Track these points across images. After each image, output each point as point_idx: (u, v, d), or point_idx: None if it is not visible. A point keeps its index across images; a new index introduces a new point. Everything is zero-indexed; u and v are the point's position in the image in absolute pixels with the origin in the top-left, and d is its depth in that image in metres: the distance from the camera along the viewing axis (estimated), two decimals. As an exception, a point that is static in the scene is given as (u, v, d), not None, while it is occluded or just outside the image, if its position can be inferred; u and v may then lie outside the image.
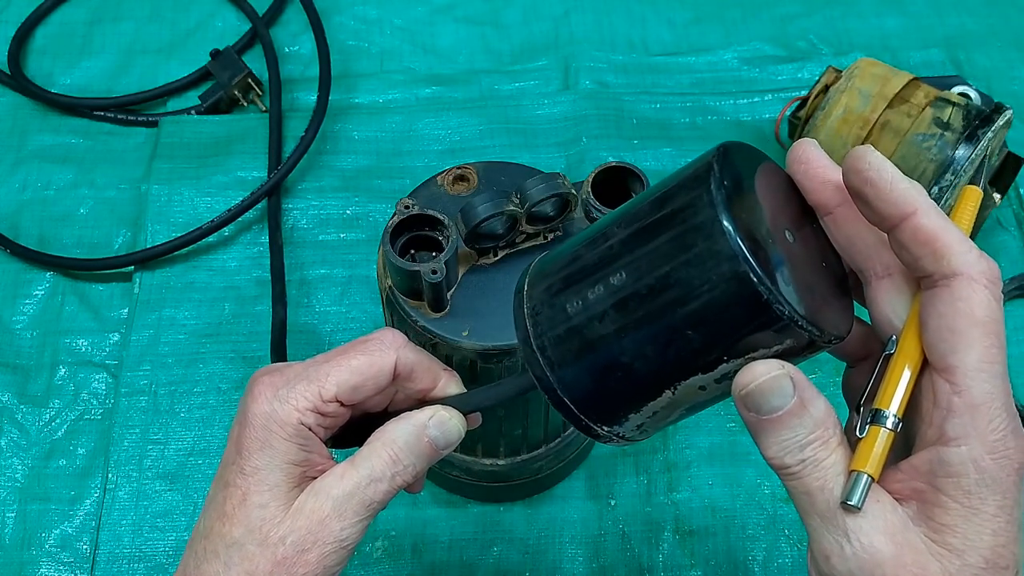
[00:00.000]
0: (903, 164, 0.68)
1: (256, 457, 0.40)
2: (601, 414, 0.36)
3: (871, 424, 0.33)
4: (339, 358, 0.42)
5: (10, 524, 0.64)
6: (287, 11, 0.90)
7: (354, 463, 0.41)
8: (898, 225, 0.34)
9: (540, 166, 0.55)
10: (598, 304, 0.34)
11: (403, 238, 0.50)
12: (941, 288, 0.33)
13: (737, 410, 0.34)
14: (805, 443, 0.33)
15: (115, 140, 0.82)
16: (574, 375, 0.36)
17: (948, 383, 0.32)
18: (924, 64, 0.86)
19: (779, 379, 0.32)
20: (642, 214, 0.34)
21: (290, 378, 0.42)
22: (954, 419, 0.32)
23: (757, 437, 0.34)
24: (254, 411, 0.41)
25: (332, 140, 0.81)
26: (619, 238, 0.34)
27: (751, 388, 0.33)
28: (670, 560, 0.62)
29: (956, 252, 0.33)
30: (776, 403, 0.33)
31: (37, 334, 0.72)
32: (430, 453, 0.42)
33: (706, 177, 0.32)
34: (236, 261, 0.75)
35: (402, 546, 0.63)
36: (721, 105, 0.83)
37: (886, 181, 0.34)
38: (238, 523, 0.40)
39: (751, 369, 0.33)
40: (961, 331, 0.32)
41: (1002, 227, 0.76)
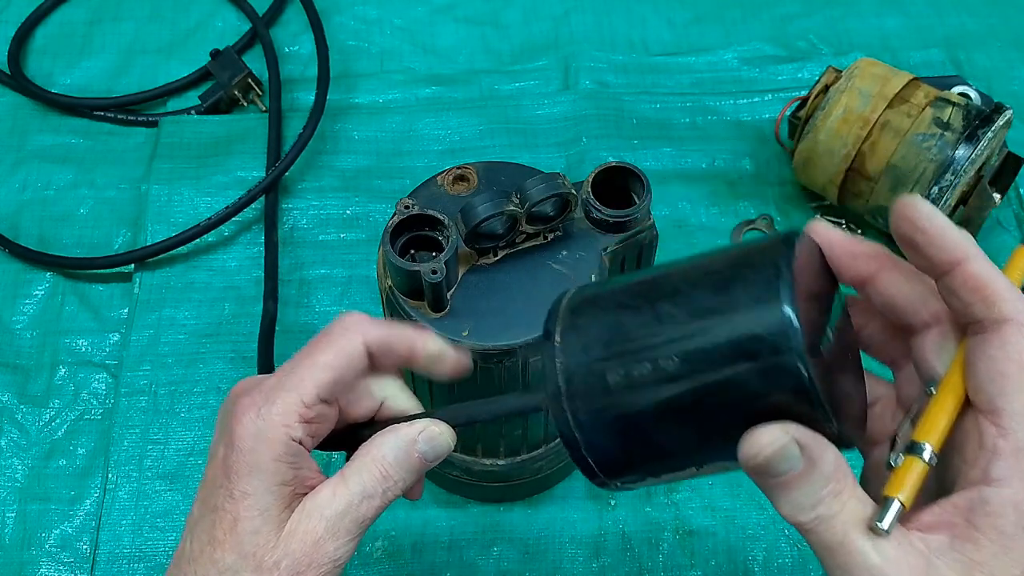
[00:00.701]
0: (903, 164, 0.68)
1: (245, 481, 0.39)
2: (618, 475, 0.37)
3: (907, 454, 0.34)
4: (308, 359, 0.41)
5: (10, 524, 0.64)
6: (287, 11, 0.90)
7: (345, 479, 0.41)
8: (949, 272, 0.35)
9: (540, 166, 0.55)
10: (642, 382, 0.34)
11: (403, 238, 0.50)
12: (991, 333, 0.34)
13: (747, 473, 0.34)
14: (817, 500, 0.33)
15: (115, 140, 0.82)
16: (603, 442, 0.35)
17: (994, 426, 0.33)
18: (924, 64, 0.86)
19: (785, 447, 0.33)
20: (698, 301, 0.34)
21: (268, 393, 0.40)
22: (999, 461, 0.33)
23: (769, 497, 0.34)
24: (240, 433, 0.40)
25: (332, 140, 0.81)
26: (673, 319, 0.34)
27: (759, 459, 0.33)
28: (670, 560, 0.62)
29: (1007, 299, 0.34)
30: (784, 468, 0.33)
31: (37, 334, 0.72)
32: (420, 467, 0.42)
33: (776, 285, 0.32)
34: (236, 261, 0.75)
35: (402, 546, 0.63)
36: (721, 105, 0.83)
37: (938, 228, 0.34)
38: (230, 549, 0.39)
39: (756, 439, 0.33)
40: (1010, 375, 0.33)
41: (1002, 227, 0.76)
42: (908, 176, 0.68)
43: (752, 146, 0.81)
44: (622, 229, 0.52)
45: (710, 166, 0.80)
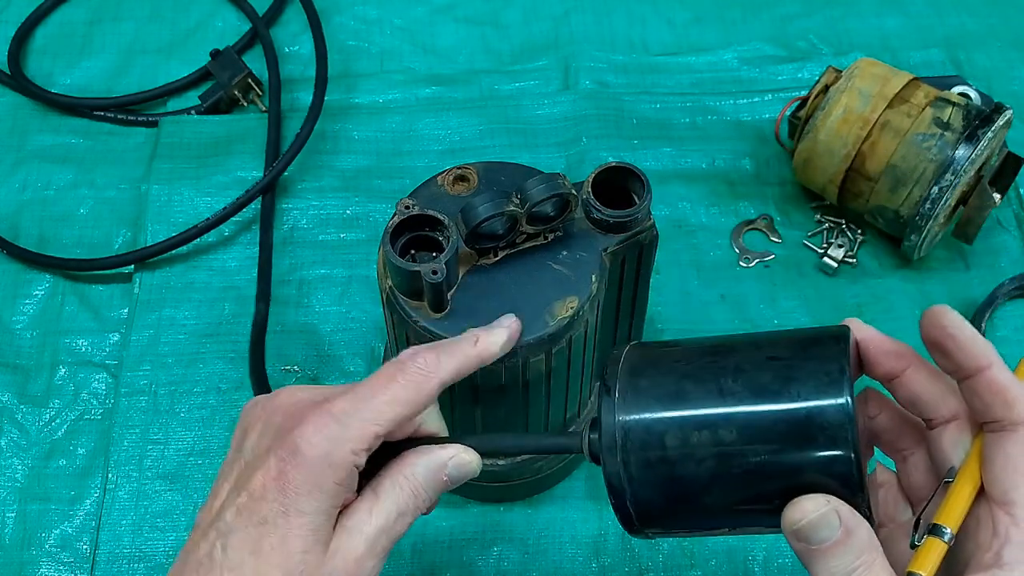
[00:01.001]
0: (903, 164, 0.68)
1: (305, 501, 0.39)
2: (654, 526, 0.39)
3: (929, 535, 0.37)
4: (386, 391, 0.42)
5: (10, 524, 0.64)
6: (287, 11, 0.90)
7: (379, 497, 0.42)
8: (973, 376, 0.39)
9: (540, 166, 0.55)
10: (699, 449, 0.37)
11: (403, 238, 0.50)
12: (1009, 432, 0.38)
13: (787, 540, 0.38)
14: (851, 569, 0.37)
15: (115, 140, 0.82)
16: (650, 496, 0.38)
17: (1007, 515, 0.37)
18: (924, 64, 0.86)
19: (827, 515, 0.36)
20: (762, 382, 0.37)
21: (339, 417, 0.41)
22: (1011, 548, 0.36)
23: (808, 565, 0.38)
24: (308, 452, 0.40)
25: (332, 140, 0.81)
26: (733, 394, 0.37)
27: (802, 524, 0.37)
28: (670, 560, 0.62)
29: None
30: (824, 535, 0.36)
31: (37, 334, 0.72)
32: (445, 488, 0.44)
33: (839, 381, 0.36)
34: (236, 261, 0.75)
35: (402, 546, 0.63)
36: (721, 105, 0.83)
37: (967, 338, 0.39)
38: (277, 565, 0.39)
39: (801, 506, 0.37)
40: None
41: (1002, 227, 0.76)
42: (908, 176, 0.68)
43: (752, 146, 0.81)
44: (622, 229, 0.52)
45: (710, 166, 0.80)
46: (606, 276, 0.53)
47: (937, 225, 0.70)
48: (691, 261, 0.75)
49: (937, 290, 0.73)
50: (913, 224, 0.69)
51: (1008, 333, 0.72)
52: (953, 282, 0.74)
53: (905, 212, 0.69)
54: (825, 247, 0.75)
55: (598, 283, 0.51)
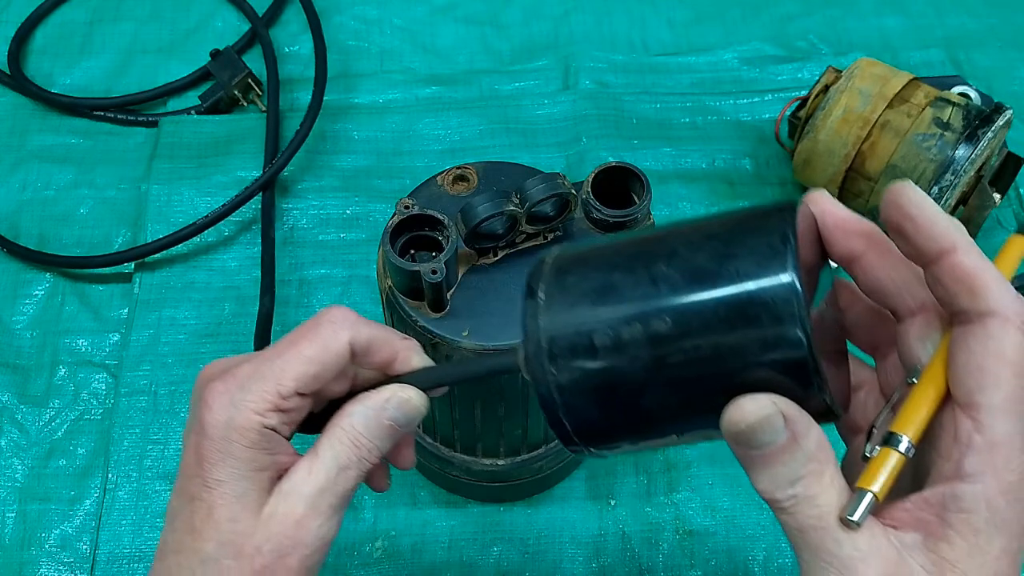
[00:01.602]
0: (903, 164, 0.68)
1: (218, 469, 0.39)
2: (595, 440, 0.36)
3: (883, 446, 0.33)
4: (291, 349, 0.40)
5: (10, 524, 0.64)
6: (287, 11, 0.90)
7: (318, 454, 0.40)
8: (936, 261, 0.34)
9: (540, 166, 0.55)
10: (632, 344, 0.33)
11: (403, 238, 0.50)
12: (975, 326, 0.33)
13: (728, 445, 0.34)
14: (796, 478, 0.33)
15: (115, 140, 0.82)
16: (583, 405, 0.34)
17: (971, 420, 0.32)
18: (924, 64, 0.86)
19: (771, 417, 0.32)
20: (698, 262, 0.33)
21: (243, 381, 0.39)
22: (972, 456, 0.32)
23: (748, 471, 0.34)
24: (210, 421, 0.39)
25: (332, 140, 0.81)
26: (667, 279, 0.33)
27: (742, 427, 0.32)
28: (670, 560, 0.62)
29: (993, 292, 0.32)
30: (767, 439, 0.32)
31: (37, 334, 0.72)
32: (392, 433, 0.41)
33: (782, 252, 0.32)
34: (236, 261, 0.75)
35: (402, 546, 0.63)
36: (721, 105, 0.83)
37: (927, 217, 0.34)
38: (209, 538, 0.38)
39: (741, 406, 0.32)
40: (990, 369, 0.32)
41: (1002, 227, 0.76)
42: (908, 176, 0.68)
43: (752, 146, 0.81)
44: (622, 229, 0.52)
45: (710, 166, 0.80)
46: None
47: (937, 225, 0.70)
48: (691, 261, 0.75)
49: (937, 290, 0.73)
50: (913, 224, 0.69)
51: (1008, 333, 0.71)
52: (953, 282, 0.74)
53: (905, 212, 0.69)
54: (825, 247, 0.75)
55: (598, 283, 0.51)
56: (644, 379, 0.33)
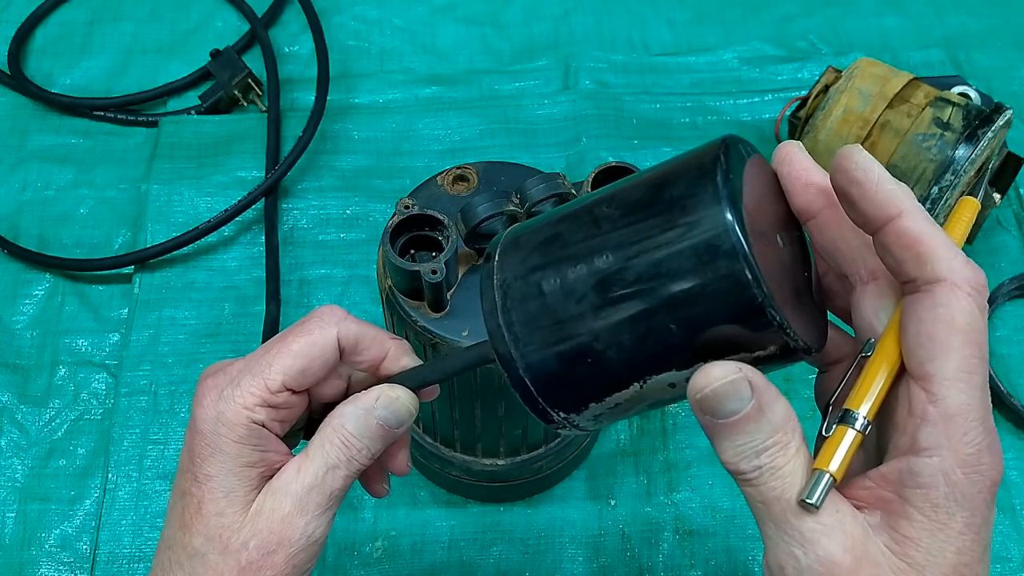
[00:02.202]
0: (903, 164, 0.68)
1: (208, 464, 0.39)
2: (561, 400, 0.35)
3: (839, 424, 0.32)
4: (279, 345, 0.40)
5: (10, 524, 0.64)
6: (287, 11, 0.90)
7: (308, 454, 0.40)
8: (883, 227, 0.32)
9: (540, 166, 0.55)
10: (578, 285, 0.32)
11: (403, 238, 0.50)
12: (923, 294, 0.31)
13: (692, 412, 0.33)
14: (761, 449, 0.32)
15: (115, 140, 0.82)
16: (540, 357, 0.34)
17: (924, 391, 0.31)
18: (924, 64, 0.86)
19: (736, 383, 0.31)
20: (635, 196, 0.32)
21: (234, 376, 0.40)
22: (927, 428, 0.31)
23: (713, 440, 0.33)
24: (201, 416, 0.39)
25: (332, 140, 0.81)
26: (607, 217, 0.32)
27: (706, 392, 0.31)
28: (670, 560, 0.62)
29: (940, 257, 0.31)
30: (732, 407, 0.31)
31: (37, 334, 0.72)
32: (382, 434, 0.41)
33: (712, 169, 0.31)
34: (236, 261, 0.75)
35: (402, 546, 0.63)
36: (721, 105, 0.83)
37: (872, 182, 0.32)
38: (197, 533, 0.39)
39: (707, 372, 0.31)
40: (940, 338, 0.31)
41: (1002, 227, 0.76)
42: (908, 176, 0.68)
43: (752, 146, 0.81)
44: (622, 229, 0.52)
45: (710, 166, 0.80)
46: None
47: (937, 225, 0.70)
48: (691, 261, 0.75)
49: (937, 290, 0.73)
50: (913, 224, 0.69)
51: (1008, 333, 0.72)
52: (953, 282, 0.74)
53: (905, 212, 0.69)
54: (825, 247, 0.75)
55: (598, 283, 0.51)
56: (595, 318, 0.32)
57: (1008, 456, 0.67)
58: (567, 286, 0.33)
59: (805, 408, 0.68)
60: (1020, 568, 0.63)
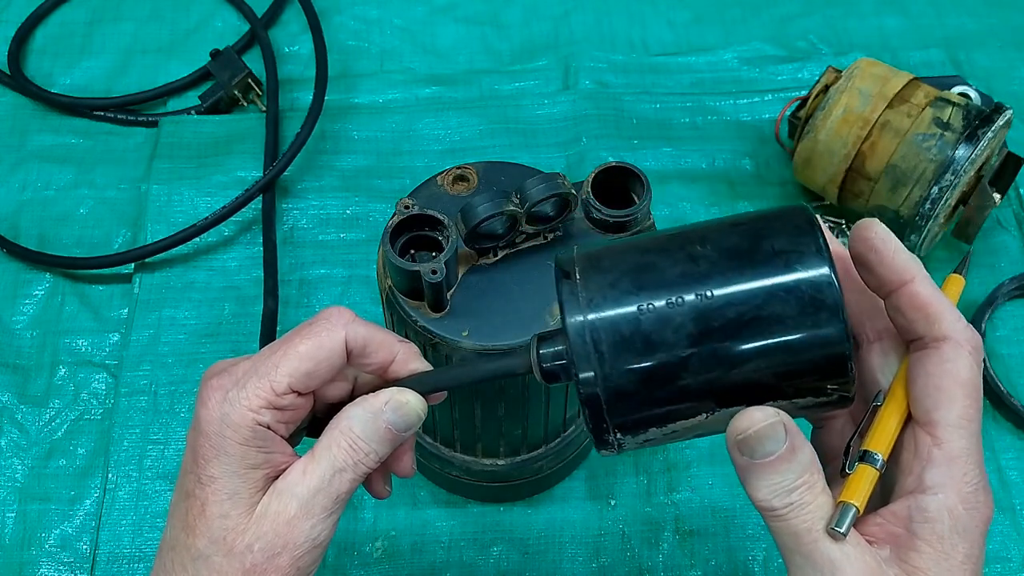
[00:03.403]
0: (903, 164, 0.68)
1: (212, 465, 0.39)
2: (627, 421, 0.36)
3: (860, 463, 0.36)
4: (286, 346, 0.40)
5: (10, 524, 0.64)
6: (287, 11, 0.90)
7: (314, 456, 0.40)
8: (897, 290, 0.37)
9: (540, 166, 0.55)
10: (677, 315, 0.34)
11: (403, 238, 0.50)
12: (931, 350, 0.36)
13: (729, 453, 0.36)
14: (792, 487, 0.35)
15: (115, 140, 0.82)
16: (625, 378, 0.35)
17: (930, 436, 0.36)
18: (924, 64, 0.86)
19: (775, 426, 0.35)
20: (731, 243, 0.35)
21: (239, 377, 0.40)
22: (933, 469, 0.35)
23: (747, 480, 0.36)
24: (205, 417, 0.39)
25: (332, 140, 0.81)
26: (704, 257, 0.35)
27: (749, 433, 0.35)
28: (670, 560, 0.62)
29: (947, 319, 0.36)
30: (770, 448, 0.35)
31: (37, 334, 0.72)
32: (390, 438, 0.41)
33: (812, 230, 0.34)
34: (236, 261, 0.75)
35: (402, 546, 0.63)
36: (721, 105, 0.83)
37: (889, 250, 0.37)
38: (201, 535, 0.39)
39: (749, 415, 0.35)
40: (946, 389, 0.35)
41: (1002, 227, 0.76)
42: (908, 176, 0.68)
43: (752, 146, 0.81)
44: (622, 229, 0.52)
45: (710, 166, 0.80)
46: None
47: (937, 225, 0.70)
48: (691, 261, 0.75)
49: (937, 290, 0.73)
50: (913, 224, 0.69)
51: (1008, 333, 0.72)
52: (953, 282, 0.74)
53: (905, 212, 0.69)
54: (825, 247, 0.75)
55: (598, 283, 0.51)
56: (689, 350, 0.34)
57: (1008, 456, 0.67)
58: (664, 314, 0.34)
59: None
60: (1020, 568, 0.63)
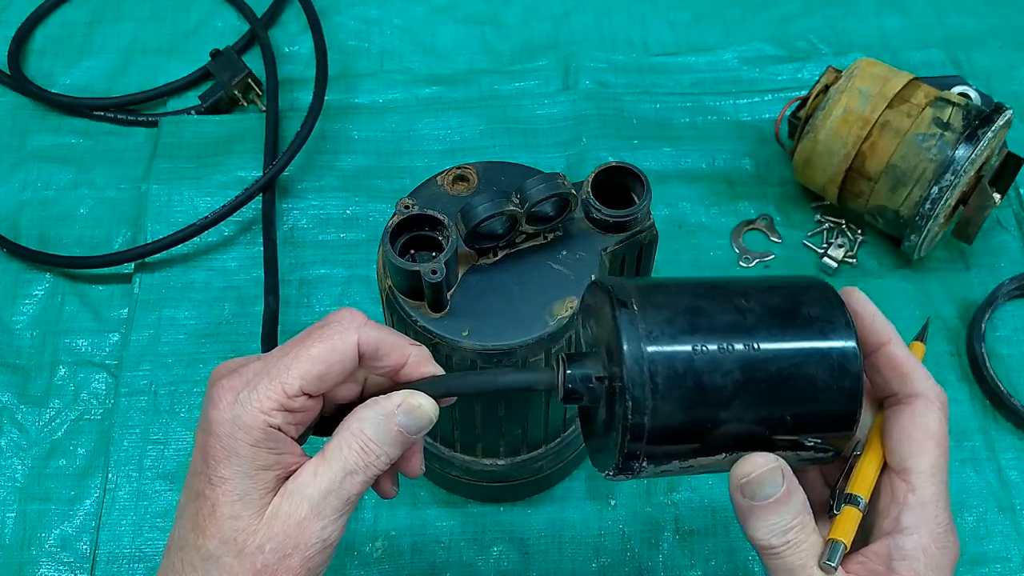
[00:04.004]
0: (903, 164, 0.68)
1: (223, 467, 0.39)
2: (658, 451, 0.38)
3: (846, 504, 0.41)
4: (298, 349, 0.40)
5: (10, 524, 0.64)
6: (287, 11, 0.90)
7: (326, 457, 0.40)
8: (875, 351, 0.42)
9: (540, 166, 0.55)
10: (726, 360, 0.37)
11: (403, 238, 0.50)
12: (905, 405, 0.41)
13: (731, 495, 0.40)
14: (789, 527, 0.39)
15: (115, 140, 0.82)
16: (672, 411, 0.37)
17: (905, 482, 0.40)
18: (924, 64, 0.86)
19: (775, 471, 0.39)
20: (774, 303, 0.39)
21: (250, 378, 0.40)
22: (909, 512, 0.40)
23: (747, 520, 0.40)
24: (216, 418, 0.39)
25: (332, 140, 0.81)
26: (750, 311, 0.39)
27: (752, 477, 0.39)
28: (670, 560, 0.62)
29: (919, 378, 0.42)
30: (769, 491, 0.39)
31: (37, 334, 0.72)
32: (401, 440, 0.41)
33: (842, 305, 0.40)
34: (236, 261, 0.75)
35: (402, 546, 0.63)
36: (721, 105, 0.83)
37: (870, 314, 0.42)
38: (211, 535, 0.39)
39: (751, 460, 0.39)
40: (919, 440, 0.40)
41: (1002, 227, 0.76)
42: (908, 176, 0.68)
43: (752, 146, 0.81)
44: (622, 229, 0.52)
45: (710, 166, 0.80)
46: (606, 276, 0.53)
47: (937, 225, 0.70)
48: (691, 261, 0.75)
49: (937, 290, 0.73)
50: (913, 224, 0.69)
51: (1008, 333, 0.72)
52: (953, 282, 0.74)
53: (905, 212, 0.69)
54: (825, 247, 0.75)
55: (598, 283, 0.51)
56: (733, 391, 0.38)
57: (1008, 456, 0.67)
58: (716, 358, 0.37)
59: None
60: (1020, 568, 0.63)
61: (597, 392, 0.40)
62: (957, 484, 0.65)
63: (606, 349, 0.40)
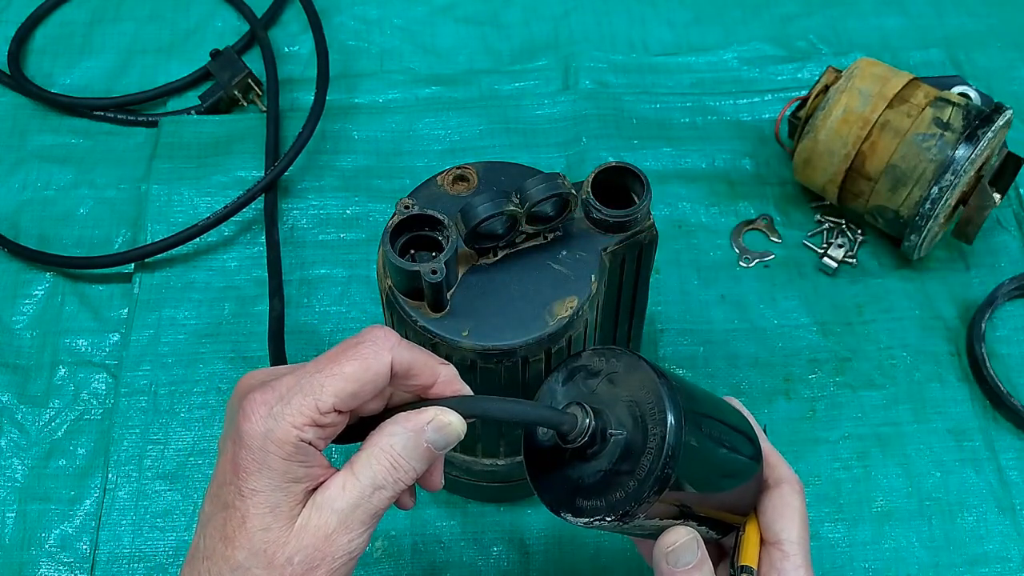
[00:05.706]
0: (903, 164, 0.68)
1: (254, 479, 0.39)
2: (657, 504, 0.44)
3: (742, 574, 0.48)
4: (332, 366, 0.41)
5: (10, 524, 0.64)
6: (287, 11, 0.90)
7: (354, 471, 0.41)
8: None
9: (540, 166, 0.55)
10: (720, 444, 0.48)
11: (403, 238, 0.50)
12: (774, 490, 0.49)
13: (655, 563, 0.46)
14: None
15: (115, 140, 0.82)
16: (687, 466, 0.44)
17: (779, 551, 0.48)
18: (924, 64, 0.86)
19: (695, 540, 0.46)
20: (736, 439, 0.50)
21: (283, 393, 0.40)
22: (786, 574, 0.47)
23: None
24: (248, 431, 0.39)
25: (332, 140, 0.81)
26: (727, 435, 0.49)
27: (676, 546, 0.46)
28: (670, 560, 0.62)
29: (783, 467, 0.50)
30: (688, 558, 0.46)
31: (37, 334, 0.72)
32: (429, 456, 0.42)
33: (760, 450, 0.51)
34: (236, 261, 0.75)
35: (402, 546, 0.63)
36: (721, 105, 0.83)
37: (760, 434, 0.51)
38: (241, 547, 0.39)
39: (675, 531, 0.46)
40: (788, 517, 0.49)
41: (1002, 227, 0.76)
42: (908, 176, 0.68)
43: (752, 146, 0.81)
44: (622, 229, 0.52)
45: (710, 166, 0.80)
46: (606, 276, 0.53)
47: (937, 225, 0.70)
48: (691, 261, 0.75)
49: (937, 290, 0.73)
50: (913, 224, 0.69)
51: (1008, 333, 0.72)
52: (953, 282, 0.74)
53: (905, 212, 0.69)
54: (825, 247, 0.75)
55: (598, 283, 0.51)
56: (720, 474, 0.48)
57: (1008, 456, 0.67)
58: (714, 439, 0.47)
59: (804, 408, 0.68)
60: (1020, 568, 0.63)
61: (612, 445, 0.45)
62: (957, 484, 0.65)
63: (629, 411, 0.45)
